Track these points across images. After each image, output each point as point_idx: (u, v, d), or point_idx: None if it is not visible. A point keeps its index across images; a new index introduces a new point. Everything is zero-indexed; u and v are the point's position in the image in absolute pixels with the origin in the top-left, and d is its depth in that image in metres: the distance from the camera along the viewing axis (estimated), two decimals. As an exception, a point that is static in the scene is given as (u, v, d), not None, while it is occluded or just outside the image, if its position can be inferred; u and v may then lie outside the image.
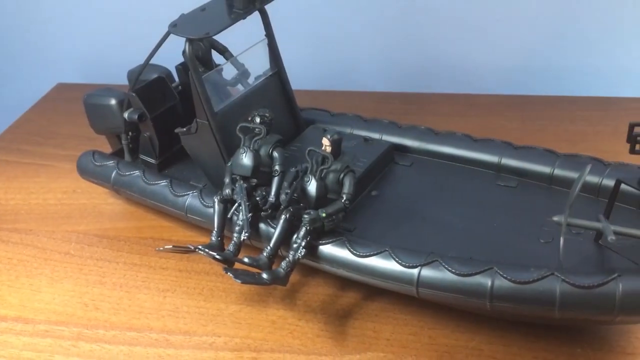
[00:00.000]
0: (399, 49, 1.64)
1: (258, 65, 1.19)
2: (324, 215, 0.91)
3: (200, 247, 0.95)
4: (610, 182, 0.90)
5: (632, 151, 0.77)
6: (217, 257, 0.93)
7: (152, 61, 1.17)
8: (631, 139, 0.76)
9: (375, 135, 1.17)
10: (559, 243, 0.81)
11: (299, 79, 1.63)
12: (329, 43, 1.65)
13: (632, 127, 0.77)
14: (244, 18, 1.04)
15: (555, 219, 0.80)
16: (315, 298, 1.04)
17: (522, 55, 1.61)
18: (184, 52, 1.03)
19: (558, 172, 1.00)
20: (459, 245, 0.92)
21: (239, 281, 0.89)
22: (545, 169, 1.00)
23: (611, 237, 0.75)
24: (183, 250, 0.97)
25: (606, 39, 1.54)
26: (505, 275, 0.81)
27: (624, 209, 0.90)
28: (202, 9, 1.05)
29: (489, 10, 1.57)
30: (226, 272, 0.90)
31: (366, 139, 1.16)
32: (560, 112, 1.49)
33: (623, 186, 0.83)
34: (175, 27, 1.00)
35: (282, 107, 1.18)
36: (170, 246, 0.99)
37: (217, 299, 1.05)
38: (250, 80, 1.18)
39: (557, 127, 1.43)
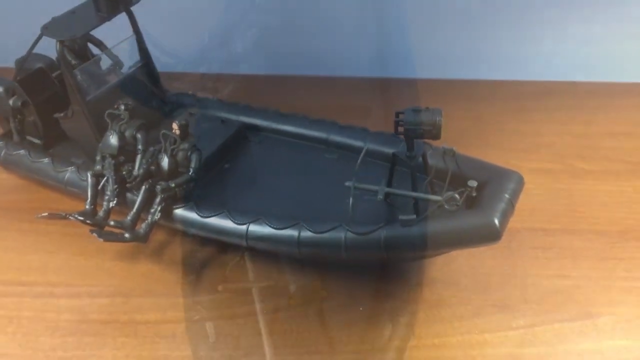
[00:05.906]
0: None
1: (135, 57, 1.38)
2: (173, 185, 1.14)
3: (73, 214, 1.15)
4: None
5: (396, 133, 1.03)
6: (88, 221, 1.14)
7: (40, 51, 1.32)
8: (395, 124, 1.02)
9: (232, 117, 1.39)
10: (355, 202, 1.06)
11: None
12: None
13: (397, 114, 1.02)
14: (109, 20, 1.22)
15: (347, 184, 1.05)
16: (177, 253, 1.27)
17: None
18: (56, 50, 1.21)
19: (370, 146, 1.25)
20: (285, 206, 1.16)
21: (102, 239, 1.11)
22: (357, 143, 1.26)
23: (380, 197, 1.01)
24: (58, 216, 1.17)
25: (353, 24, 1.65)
26: (308, 228, 1.06)
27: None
28: (72, 12, 1.23)
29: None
30: (92, 233, 1.12)
31: (222, 120, 1.38)
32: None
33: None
34: (47, 30, 1.18)
35: (151, 94, 1.38)
36: (46, 213, 1.19)
37: (95, 257, 1.24)
38: (125, 70, 1.37)
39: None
